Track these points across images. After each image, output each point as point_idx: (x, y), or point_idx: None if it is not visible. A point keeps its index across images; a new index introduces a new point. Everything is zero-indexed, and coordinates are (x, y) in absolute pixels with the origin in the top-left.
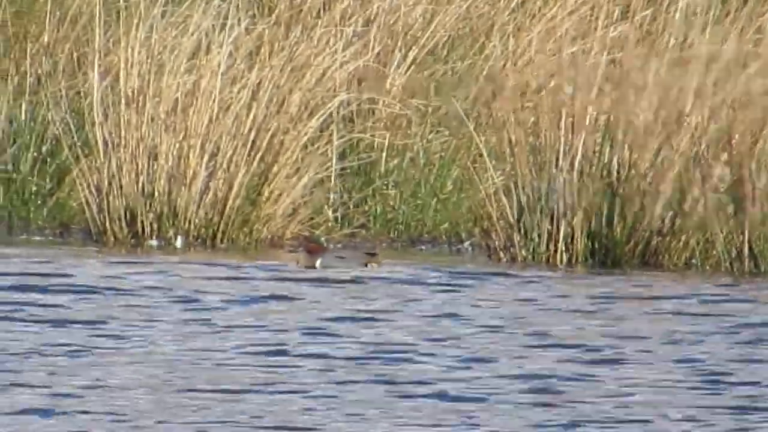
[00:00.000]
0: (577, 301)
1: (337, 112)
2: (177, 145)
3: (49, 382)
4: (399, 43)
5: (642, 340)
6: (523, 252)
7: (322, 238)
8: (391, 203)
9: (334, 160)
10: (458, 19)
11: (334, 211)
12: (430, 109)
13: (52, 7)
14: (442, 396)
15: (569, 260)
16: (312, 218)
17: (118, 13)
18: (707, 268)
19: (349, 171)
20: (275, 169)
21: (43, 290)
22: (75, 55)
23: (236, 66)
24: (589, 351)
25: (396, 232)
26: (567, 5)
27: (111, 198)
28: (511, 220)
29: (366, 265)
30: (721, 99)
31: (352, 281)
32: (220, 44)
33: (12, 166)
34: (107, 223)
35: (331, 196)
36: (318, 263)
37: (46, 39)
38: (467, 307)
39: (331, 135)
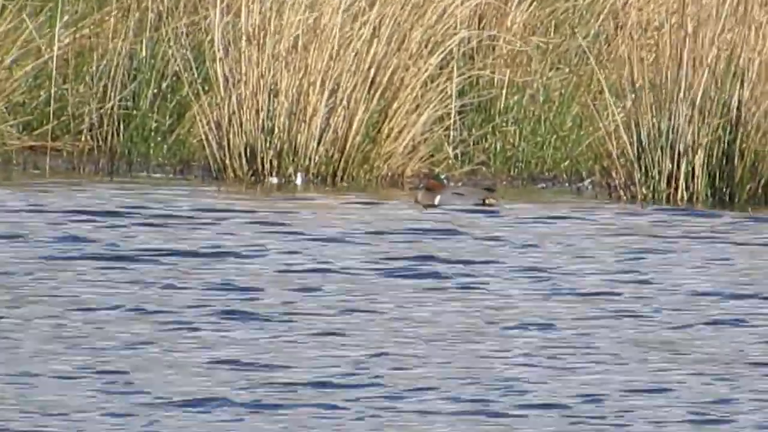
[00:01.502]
0: None
1: (458, 49)
2: (297, 82)
3: None
4: None
5: None
6: (644, 190)
7: (443, 176)
8: (511, 140)
9: (454, 98)
10: None
11: (454, 148)
12: (550, 46)
13: None
14: None
15: (690, 198)
16: (432, 155)
17: None
18: None
19: (469, 108)
20: (395, 106)
21: None
22: None
23: (357, 3)
24: None
25: (516, 170)
26: None
27: (231, 135)
28: (632, 157)
29: (484, 202)
30: None
31: None
32: None
33: (132, 102)
34: (227, 160)
35: (451, 134)
36: (437, 200)
37: None
38: None
39: (451, 72)
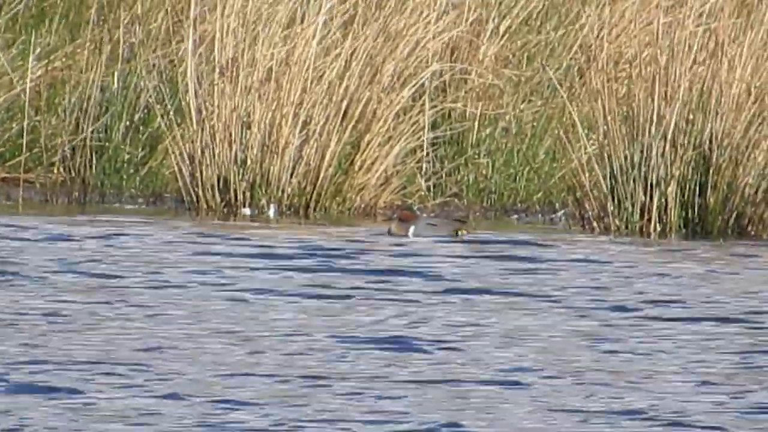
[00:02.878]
0: None
1: (430, 82)
2: (270, 114)
3: None
4: (492, 14)
5: None
6: (617, 221)
7: (416, 207)
8: (484, 172)
9: (426, 130)
10: None
11: (427, 180)
12: (522, 79)
13: None
14: None
15: (663, 230)
16: (404, 187)
17: None
18: None
19: (441, 140)
20: (367, 138)
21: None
22: (169, 23)
23: (330, 36)
24: None
25: (489, 201)
26: None
27: (204, 167)
28: (605, 189)
29: (456, 233)
30: None
31: None
32: (314, 14)
33: (105, 134)
34: (200, 192)
35: (424, 166)
36: (410, 231)
37: (139, 8)
38: None
39: (423, 105)
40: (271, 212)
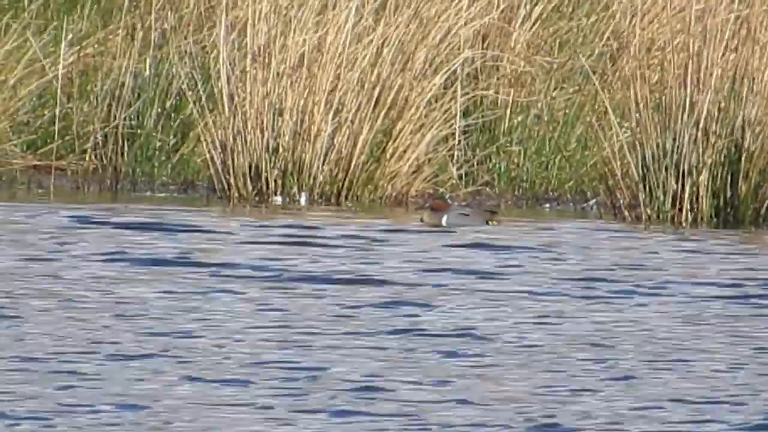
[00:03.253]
0: None
1: (462, 69)
2: (302, 102)
3: None
4: (524, 0)
5: None
6: (648, 210)
7: (447, 195)
8: (516, 160)
9: (458, 117)
10: None
11: (459, 168)
12: (554, 66)
13: None
14: None
15: (694, 219)
16: (436, 175)
17: None
18: None
19: (473, 128)
20: (399, 125)
21: None
22: (201, 9)
23: (362, 23)
24: None
25: (520, 190)
26: None
27: (235, 154)
28: (636, 178)
29: (488, 223)
30: None
31: None
32: (346, 0)
33: (137, 121)
34: (231, 180)
35: (456, 154)
36: (444, 220)
37: None
38: None
39: (455, 92)
40: (303, 200)
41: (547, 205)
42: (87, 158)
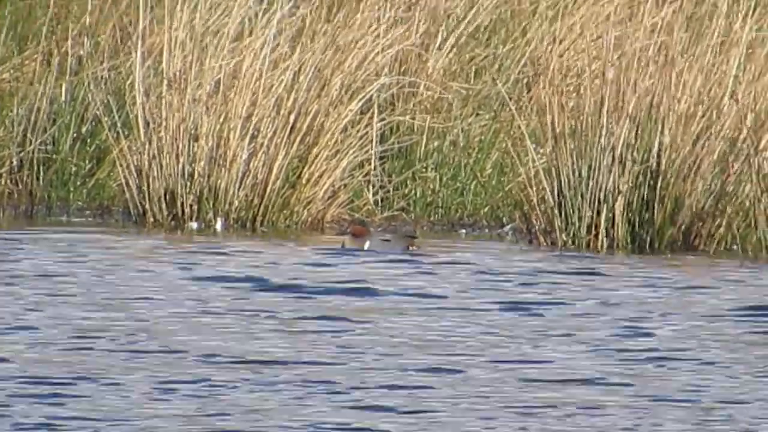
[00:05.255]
0: None
1: (378, 95)
2: (218, 127)
3: None
4: (441, 27)
5: None
6: (564, 236)
7: (367, 221)
8: (431, 186)
9: (374, 143)
10: (500, 2)
11: (374, 193)
12: (471, 92)
13: None
14: None
15: (610, 245)
16: (352, 201)
17: None
18: (749, 252)
19: (389, 154)
20: (315, 151)
21: None
22: (117, 35)
23: (278, 49)
24: None
25: (436, 215)
26: None
27: (151, 179)
28: (552, 204)
29: (409, 248)
30: (766, 82)
31: None
32: (263, 27)
33: (52, 146)
34: (147, 205)
35: (371, 179)
36: (366, 245)
37: (87, 19)
38: None
39: (371, 118)
40: (219, 226)
41: (463, 231)
42: (2, 183)
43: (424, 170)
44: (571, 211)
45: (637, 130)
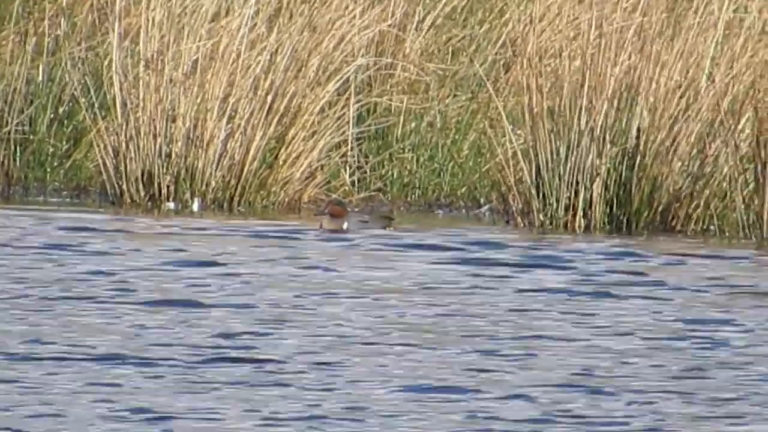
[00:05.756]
0: None
1: (355, 76)
2: (195, 108)
3: None
4: (418, 8)
5: None
6: (541, 217)
7: (345, 202)
8: (408, 167)
9: (351, 124)
10: None
11: (351, 174)
12: (448, 73)
13: None
14: None
15: (587, 226)
16: (329, 181)
17: None
18: (726, 234)
19: (366, 135)
20: (292, 132)
21: None
22: (94, 16)
23: (256, 30)
24: None
25: (413, 196)
26: None
27: (128, 160)
28: (530, 185)
29: (386, 228)
30: (743, 64)
31: None
32: (240, 7)
33: (29, 127)
34: (124, 185)
35: (348, 160)
36: (345, 226)
37: (64, 0)
38: None
39: (348, 99)
40: (195, 206)
41: (440, 212)
42: None
43: (401, 151)
44: (549, 192)
45: (615, 112)
